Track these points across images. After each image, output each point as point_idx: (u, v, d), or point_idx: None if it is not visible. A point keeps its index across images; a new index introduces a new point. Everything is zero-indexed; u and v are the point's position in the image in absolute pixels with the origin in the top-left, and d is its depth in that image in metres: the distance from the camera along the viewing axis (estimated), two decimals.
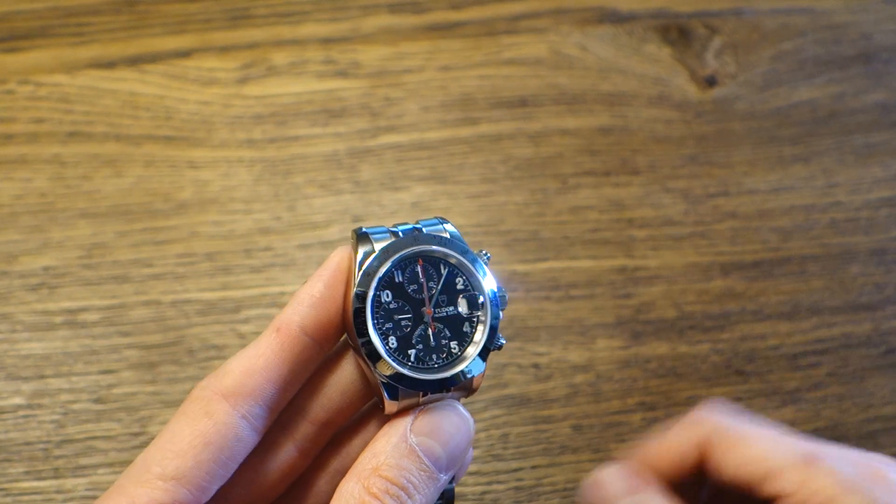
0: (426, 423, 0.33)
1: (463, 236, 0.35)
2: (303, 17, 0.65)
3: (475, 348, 0.34)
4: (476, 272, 0.35)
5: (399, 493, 0.31)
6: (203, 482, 0.31)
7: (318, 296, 0.33)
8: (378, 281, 0.33)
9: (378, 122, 0.60)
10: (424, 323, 0.34)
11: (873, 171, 0.60)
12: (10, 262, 0.55)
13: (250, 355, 0.33)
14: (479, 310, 0.35)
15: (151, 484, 0.31)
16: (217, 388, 0.32)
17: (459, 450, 0.33)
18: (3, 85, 0.61)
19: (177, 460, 0.31)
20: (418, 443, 0.32)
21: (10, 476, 0.48)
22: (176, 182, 0.58)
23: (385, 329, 0.34)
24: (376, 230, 0.35)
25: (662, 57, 0.64)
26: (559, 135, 0.60)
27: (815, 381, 0.52)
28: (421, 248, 0.34)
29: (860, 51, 0.64)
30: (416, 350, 0.34)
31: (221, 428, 0.32)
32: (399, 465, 0.31)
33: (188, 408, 0.32)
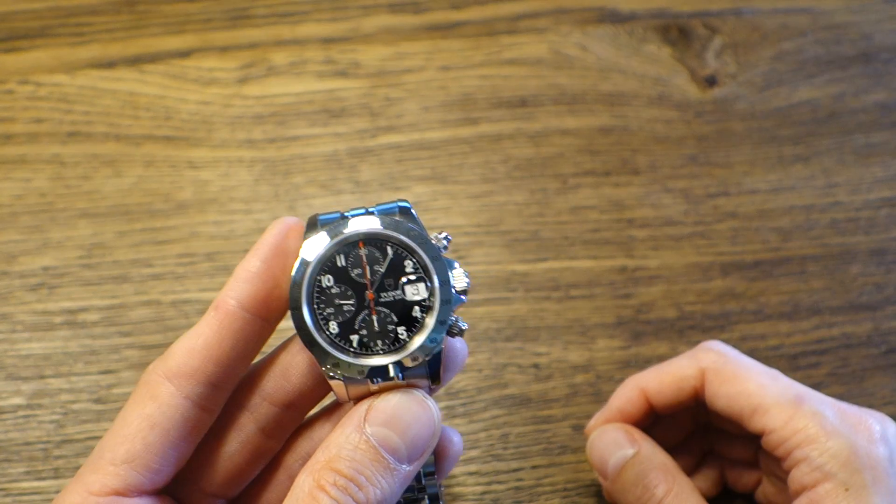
0: (382, 413, 0.32)
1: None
2: (303, 17, 0.65)
3: (425, 333, 0.33)
4: (425, 255, 0.33)
5: (347, 484, 0.30)
6: (154, 464, 0.31)
7: (255, 271, 0.33)
8: (314, 266, 0.32)
9: (378, 122, 0.60)
10: (367, 308, 0.33)
11: (873, 171, 0.60)
12: (10, 262, 0.55)
13: (190, 336, 0.33)
14: (430, 294, 0.33)
15: (104, 470, 0.31)
16: (161, 371, 0.32)
17: (421, 440, 0.32)
18: (3, 85, 0.61)
19: (126, 444, 0.31)
20: (373, 433, 0.31)
21: (10, 476, 0.48)
22: (176, 182, 0.58)
23: (326, 314, 0.33)
24: (327, 216, 0.34)
25: (662, 57, 0.64)
26: (559, 135, 0.60)
27: (815, 381, 0.52)
28: (361, 231, 0.33)
29: (860, 51, 0.64)
30: (359, 336, 0.33)
31: (166, 409, 0.32)
32: (351, 457, 0.30)
33: (136, 392, 0.33)
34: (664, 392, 0.44)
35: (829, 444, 0.38)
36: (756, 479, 0.45)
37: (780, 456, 0.39)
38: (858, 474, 0.37)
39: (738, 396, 0.41)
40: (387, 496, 0.31)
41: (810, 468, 0.38)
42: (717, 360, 0.42)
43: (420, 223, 0.34)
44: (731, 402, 0.41)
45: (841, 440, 0.38)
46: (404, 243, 0.33)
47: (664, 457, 0.42)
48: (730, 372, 0.41)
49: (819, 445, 0.38)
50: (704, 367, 0.43)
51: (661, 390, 0.44)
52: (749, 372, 0.41)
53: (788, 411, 0.39)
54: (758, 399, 0.40)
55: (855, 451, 0.37)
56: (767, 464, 0.44)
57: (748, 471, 0.45)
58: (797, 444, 0.38)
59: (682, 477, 0.41)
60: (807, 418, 0.38)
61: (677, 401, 0.43)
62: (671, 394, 0.43)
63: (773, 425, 0.39)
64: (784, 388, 0.40)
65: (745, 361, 0.42)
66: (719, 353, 0.43)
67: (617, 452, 0.43)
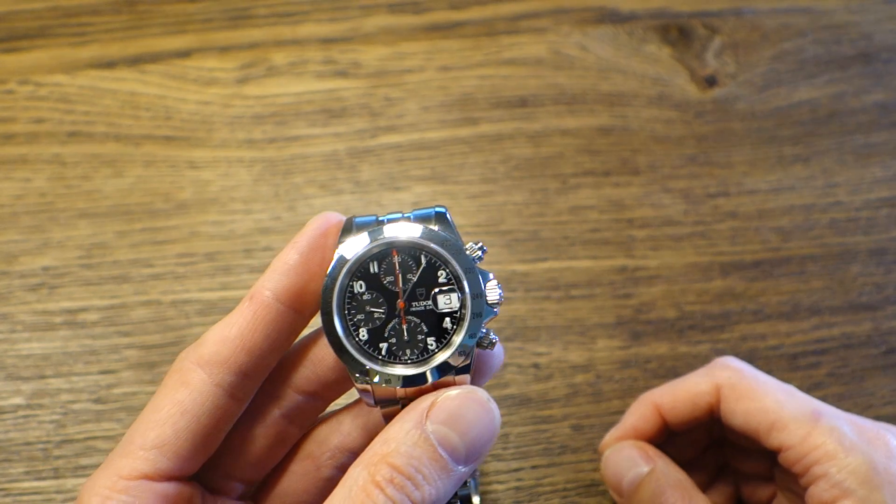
0: (445, 411, 0.31)
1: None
2: (303, 17, 0.65)
3: (454, 345, 0.32)
4: (458, 266, 0.32)
5: (405, 483, 0.29)
6: (183, 451, 0.31)
7: (292, 264, 0.33)
8: (347, 271, 0.32)
9: (378, 122, 0.60)
10: (398, 316, 0.33)
11: (873, 171, 0.60)
12: (10, 262, 0.55)
13: (224, 325, 0.33)
14: (462, 306, 0.32)
15: (134, 454, 0.31)
16: (193, 358, 0.32)
17: (481, 442, 0.31)
18: (3, 85, 0.61)
19: (156, 430, 0.31)
20: (433, 431, 0.30)
21: (10, 476, 0.48)
22: (176, 182, 0.58)
23: (356, 321, 0.33)
24: (363, 219, 0.33)
25: (662, 57, 0.64)
26: (559, 135, 0.60)
27: (815, 381, 0.52)
28: (395, 239, 0.33)
29: (860, 51, 0.64)
30: (388, 344, 0.32)
31: (197, 397, 0.32)
32: (410, 453, 0.30)
33: (168, 379, 0.33)
34: (679, 409, 0.43)
35: (848, 460, 0.38)
36: (770, 493, 0.45)
37: (797, 472, 0.39)
38: (878, 491, 0.37)
39: (754, 413, 0.41)
40: (440, 496, 0.30)
41: (829, 485, 0.38)
42: (732, 377, 0.42)
43: (456, 231, 0.33)
44: (748, 418, 0.41)
45: (859, 456, 0.38)
46: (438, 253, 0.33)
47: (679, 474, 0.42)
48: (746, 388, 0.41)
49: (838, 462, 0.38)
50: (720, 383, 0.42)
51: (675, 407, 0.44)
52: (765, 388, 0.41)
53: (806, 427, 0.39)
54: (775, 415, 0.40)
55: (874, 468, 0.37)
56: (782, 479, 0.44)
57: (762, 485, 0.45)
58: (815, 460, 0.38)
59: (697, 494, 0.41)
60: (825, 434, 0.38)
61: (692, 417, 0.43)
62: (686, 410, 0.43)
63: (790, 442, 0.39)
64: (801, 403, 0.40)
65: (761, 377, 0.42)
66: (734, 369, 0.43)
67: (632, 470, 0.43)
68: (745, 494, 0.46)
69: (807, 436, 0.39)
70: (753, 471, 0.45)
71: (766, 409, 0.40)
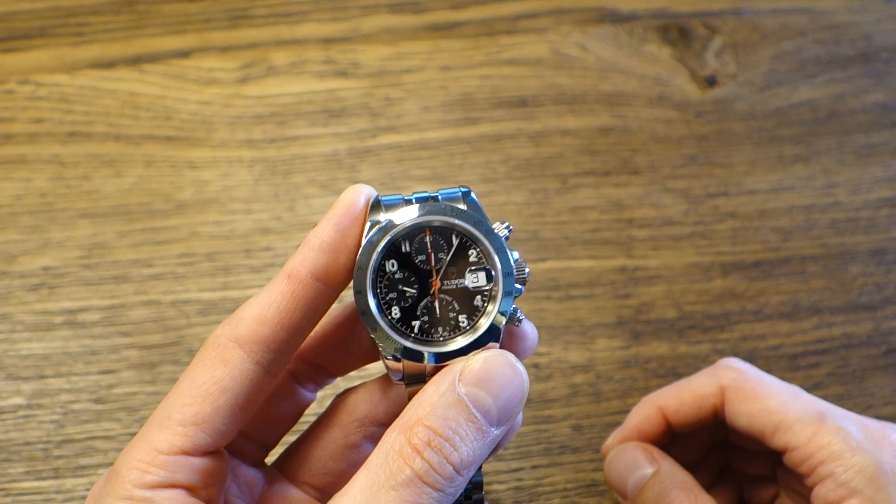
0: (476, 373, 0.31)
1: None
2: (303, 17, 0.65)
3: (486, 321, 0.33)
4: (489, 244, 0.33)
5: (443, 444, 0.30)
6: (221, 427, 0.32)
7: (329, 240, 0.33)
8: (380, 252, 0.33)
9: (378, 122, 0.60)
10: (431, 295, 0.33)
11: (873, 171, 0.60)
12: (10, 262, 0.55)
13: (262, 303, 0.33)
14: (492, 283, 0.33)
15: (172, 430, 0.31)
16: (231, 336, 0.32)
17: (512, 404, 0.31)
18: (3, 85, 0.61)
19: (195, 406, 0.31)
20: (467, 393, 0.31)
21: (10, 476, 0.48)
22: (176, 182, 0.58)
23: (389, 299, 0.33)
24: (390, 199, 0.34)
25: (662, 57, 0.64)
26: (559, 135, 0.60)
27: (815, 381, 0.52)
28: (428, 218, 0.33)
29: (860, 51, 0.64)
30: (420, 322, 0.33)
31: (237, 374, 0.32)
32: (445, 415, 0.30)
33: (205, 355, 0.33)
34: (683, 410, 0.44)
35: (854, 459, 0.38)
36: (773, 494, 0.45)
37: (803, 473, 0.39)
38: (884, 490, 0.37)
39: (759, 414, 0.41)
40: (476, 458, 0.30)
41: (836, 484, 0.38)
42: (736, 378, 0.42)
43: (483, 211, 0.34)
44: (753, 419, 0.41)
45: (866, 456, 0.38)
46: (470, 233, 0.33)
47: (684, 475, 0.42)
48: (750, 389, 0.41)
49: (844, 461, 0.38)
50: (724, 384, 0.42)
51: (679, 409, 0.44)
52: (770, 389, 0.41)
53: (811, 428, 0.39)
54: (780, 416, 0.40)
55: (880, 467, 0.37)
56: (786, 479, 0.44)
57: (766, 487, 0.45)
58: (821, 460, 0.38)
59: (703, 495, 0.41)
60: (830, 434, 0.38)
61: (696, 419, 0.43)
62: (690, 412, 0.43)
63: (796, 442, 0.39)
64: (806, 404, 0.40)
65: (765, 378, 0.42)
66: (739, 370, 0.43)
67: (636, 472, 0.43)
68: (748, 496, 0.46)
69: (812, 436, 0.39)
70: (757, 472, 0.45)
71: (770, 409, 0.40)
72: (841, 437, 0.38)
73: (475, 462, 0.30)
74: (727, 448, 0.46)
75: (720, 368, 0.44)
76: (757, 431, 0.41)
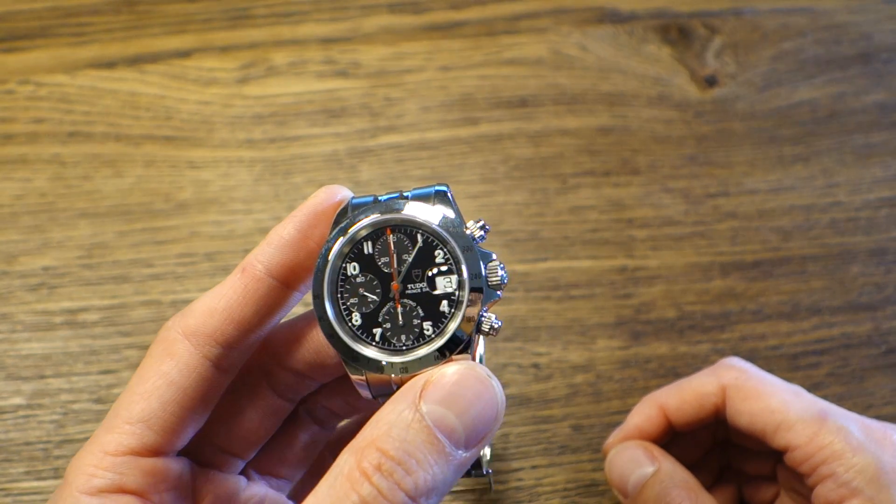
0: (441, 389, 0.28)
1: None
2: (303, 17, 0.65)
3: (453, 328, 0.30)
4: (455, 244, 0.30)
5: (394, 468, 0.26)
6: (171, 424, 0.30)
7: (288, 238, 0.32)
8: (337, 252, 0.31)
9: (378, 122, 0.60)
10: (393, 300, 0.30)
11: (873, 171, 0.60)
12: (10, 262, 0.55)
13: (213, 295, 0.31)
14: (459, 287, 0.30)
15: (119, 429, 0.30)
16: (180, 328, 0.31)
17: (482, 423, 0.28)
18: (3, 85, 0.61)
19: (142, 403, 0.30)
20: (428, 412, 0.27)
21: (11, 476, 0.48)
22: (176, 182, 0.58)
23: (349, 304, 0.31)
24: (360, 199, 0.32)
25: (662, 57, 0.64)
26: (559, 135, 0.60)
27: (815, 381, 0.52)
28: (388, 217, 0.31)
29: (860, 51, 0.64)
30: (382, 329, 0.30)
31: (184, 368, 0.31)
32: (402, 437, 0.27)
33: (154, 349, 0.31)
34: (684, 409, 0.43)
35: (856, 459, 0.37)
36: (773, 494, 0.45)
37: (804, 472, 0.39)
38: (886, 491, 0.37)
39: (760, 413, 0.41)
40: (437, 484, 0.27)
41: (836, 484, 0.38)
42: (738, 377, 0.42)
43: (457, 209, 0.31)
44: (754, 418, 0.41)
45: (867, 456, 0.38)
46: (434, 231, 0.30)
47: (685, 474, 0.42)
48: (752, 388, 0.41)
49: (845, 461, 0.38)
50: (725, 383, 0.42)
51: (681, 408, 0.44)
52: (772, 388, 0.41)
53: (813, 427, 0.39)
54: (781, 415, 0.40)
55: (881, 467, 0.37)
56: (787, 479, 0.44)
57: (766, 486, 0.45)
58: (822, 460, 0.38)
59: (703, 494, 0.41)
60: (832, 434, 0.38)
61: (697, 418, 0.43)
62: (691, 411, 0.43)
63: (797, 442, 0.39)
64: (808, 404, 0.40)
65: (767, 378, 0.42)
66: (740, 369, 0.43)
67: (637, 471, 0.42)
68: (748, 495, 0.46)
69: (814, 436, 0.39)
70: (757, 471, 0.45)
71: (772, 409, 0.40)
72: (842, 437, 0.38)
73: (436, 488, 0.27)
74: (728, 447, 0.46)
75: (721, 367, 0.44)
76: (758, 431, 0.41)
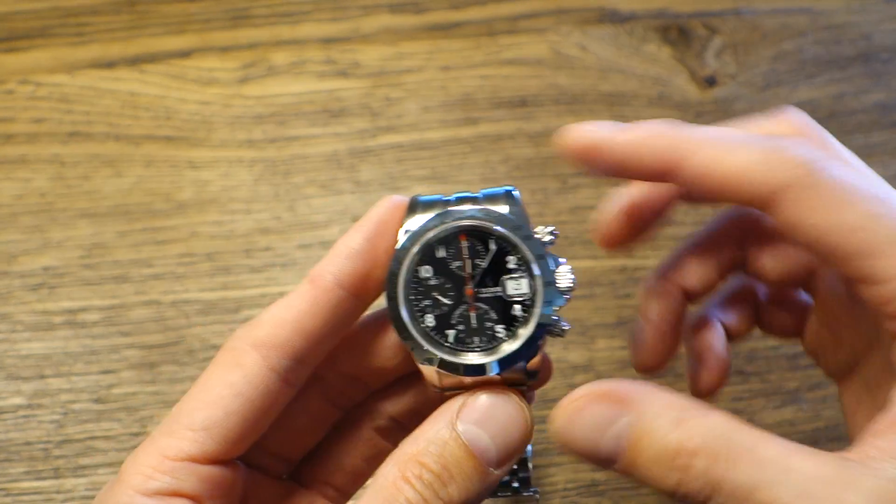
0: (476, 410, 0.30)
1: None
2: (303, 17, 0.65)
3: (526, 332, 0.31)
4: (528, 250, 0.31)
5: (433, 480, 0.29)
6: (233, 434, 0.30)
7: (356, 248, 0.32)
8: (413, 256, 0.31)
9: (378, 122, 0.60)
10: (466, 303, 0.32)
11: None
12: (10, 262, 0.55)
13: (282, 306, 0.31)
14: (531, 291, 0.32)
15: (180, 434, 0.30)
16: (248, 339, 0.31)
17: (512, 444, 0.30)
18: (3, 85, 0.61)
19: (206, 410, 0.30)
20: (464, 431, 0.29)
21: (10, 476, 0.48)
22: (176, 182, 0.58)
23: (422, 306, 0.31)
24: (428, 198, 0.33)
25: (662, 57, 0.64)
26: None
27: (815, 381, 0.52)
28: (463, 223, 0.32)
29: (860, 51, 0.64)
30: (455, 331, 0.31)
31: (252, 379, 0.30)
32: (439, 452, 0.29)
33: (221, 358, 0.31)
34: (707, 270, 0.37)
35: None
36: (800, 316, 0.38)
37: (888, 314, 0.29)
38: None
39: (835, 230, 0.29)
40: (471, 497, 0.29)
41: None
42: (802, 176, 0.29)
43: (525, 214, 0.32)
44: (823, 235, 0.29)
45: None
46: (507, 236, 0.31)
47: (670, 397, 0.30)
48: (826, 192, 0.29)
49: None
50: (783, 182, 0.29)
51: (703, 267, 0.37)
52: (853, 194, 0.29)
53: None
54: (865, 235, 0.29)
55: None
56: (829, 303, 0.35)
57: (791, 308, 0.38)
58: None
59: (703, 410, 0.30)
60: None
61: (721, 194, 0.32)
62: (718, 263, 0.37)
63: (887, 273, 0.28)
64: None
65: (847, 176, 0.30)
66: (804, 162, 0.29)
67: (608, 430, 0.30)
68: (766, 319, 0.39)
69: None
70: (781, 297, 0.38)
71: (852, 225, 0.29)
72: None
73: (471, 501, 0.29)
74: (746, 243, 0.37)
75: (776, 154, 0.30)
76: (826, 250, 0.30)
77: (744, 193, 0.30)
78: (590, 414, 0.32)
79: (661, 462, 0.28)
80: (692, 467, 0.28)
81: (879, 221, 0.29)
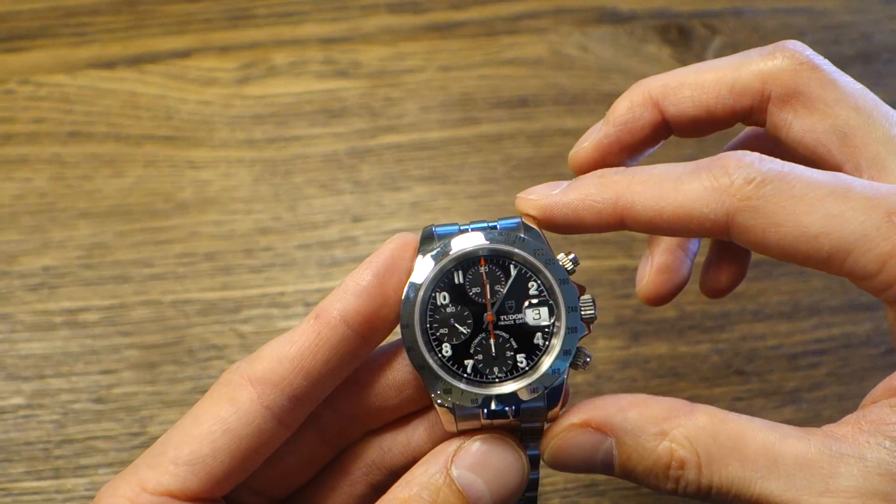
0: (471, 455, 0.29)
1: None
2: (303, 17, 0.65)
3: (547, 362, 0.30)
4: (550, 276, 0.30)
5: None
6: (218, 472, 0.29)
7: (365, 285, 0.30)
8: (430, 282, 0.30)
9: (378, 122, 0.60)
10: (485, 331, 0.30)
11: None
12: (10, 262, 0.55)
13: (284, 341, 0.30)
14: (554, 318, 0.30)
15: (163, 468, 0.29)
16: (246, 373, 0.30)
17: (508, 490, 0.29)
18: (3, 85, 0.61)
19: (193, 445, 0.29)
20: (458, 476, 0.28)
21: (11, 476, 0.48)
22: (176, 182, 0.58)
23: (439, 335, 0.30)
24: (444, 228, 0.31)
25: (662, 57, 0.64)
26: (559, 135, 0.60)
27: (815, 381, 0.52)
28: (483, 246, 0.30)
29: (860, 51, 0.64)
30: (474, 361, 0.30)
31: (243, 416, 0.29)
32: (432, 499, 0.28)
33: (215, 391, 0.30)
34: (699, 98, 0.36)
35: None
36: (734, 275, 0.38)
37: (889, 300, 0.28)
38: None
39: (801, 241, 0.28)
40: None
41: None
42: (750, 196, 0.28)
43: (545, 241, 0.31)
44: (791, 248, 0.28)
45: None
46: (529, 262, 0.30)
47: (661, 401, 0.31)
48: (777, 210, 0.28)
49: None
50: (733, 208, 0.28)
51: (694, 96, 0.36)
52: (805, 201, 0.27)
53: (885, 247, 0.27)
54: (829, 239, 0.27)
55: None
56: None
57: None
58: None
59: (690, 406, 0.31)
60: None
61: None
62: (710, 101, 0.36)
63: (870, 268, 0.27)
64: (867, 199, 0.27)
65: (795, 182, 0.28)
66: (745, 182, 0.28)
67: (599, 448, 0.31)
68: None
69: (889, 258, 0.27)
70: None
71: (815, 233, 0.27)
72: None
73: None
74: None
75: (716, 182, 0.29)
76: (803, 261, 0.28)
77: (694, 229, 0.30)
78: (576, 442, 0.32)
79: (654, 474, 0.29)
80: (683, 476, 0.29)
81: (841, 220, 0.27)
